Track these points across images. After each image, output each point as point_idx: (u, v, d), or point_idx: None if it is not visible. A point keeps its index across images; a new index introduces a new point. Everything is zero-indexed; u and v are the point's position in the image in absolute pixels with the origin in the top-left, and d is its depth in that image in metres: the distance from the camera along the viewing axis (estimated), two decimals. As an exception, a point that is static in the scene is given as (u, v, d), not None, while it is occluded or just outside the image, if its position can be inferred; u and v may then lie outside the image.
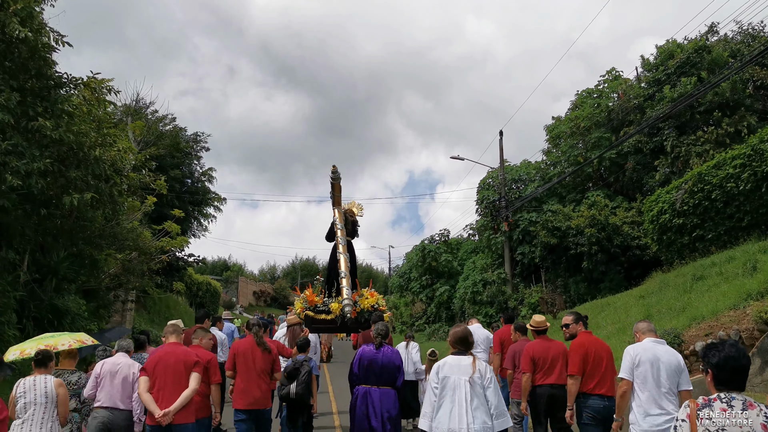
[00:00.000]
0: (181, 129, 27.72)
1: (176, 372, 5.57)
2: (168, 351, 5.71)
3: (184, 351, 5.81)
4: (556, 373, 6.78)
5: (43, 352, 5.81)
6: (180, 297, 33.26)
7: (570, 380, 6.07)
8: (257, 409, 6.53)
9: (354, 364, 6.44)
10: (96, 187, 7.83)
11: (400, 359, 6.45)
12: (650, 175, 21.31)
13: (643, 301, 14.78)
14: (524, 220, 24.00)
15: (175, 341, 5.89)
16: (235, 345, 6.93)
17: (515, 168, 26.65)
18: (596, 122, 23.09)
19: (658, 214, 16.09)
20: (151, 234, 13.77)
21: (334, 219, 10.49)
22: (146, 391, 5.49)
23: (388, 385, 6.26)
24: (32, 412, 5.38)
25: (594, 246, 20.11)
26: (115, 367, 6.13)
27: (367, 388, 6.24)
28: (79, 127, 7.52)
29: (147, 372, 5.59)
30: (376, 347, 6.31)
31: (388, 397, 6.22)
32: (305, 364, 7.32)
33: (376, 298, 9.47)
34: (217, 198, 30.60)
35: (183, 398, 5.47)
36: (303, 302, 9.31)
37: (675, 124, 20.49)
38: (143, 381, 5.55)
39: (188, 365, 5.64)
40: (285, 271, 72.98)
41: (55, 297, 11.43)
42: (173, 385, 5.52)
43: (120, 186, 8.78)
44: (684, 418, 3.23)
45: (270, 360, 6.78)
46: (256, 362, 6.63)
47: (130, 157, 9.05)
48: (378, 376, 6.22)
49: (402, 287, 34.47)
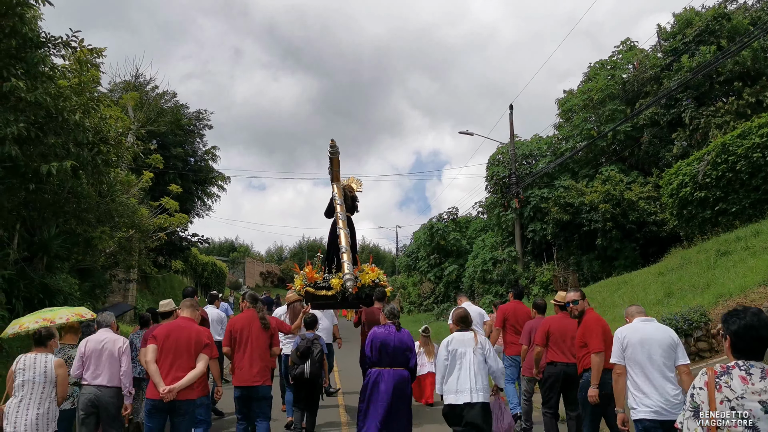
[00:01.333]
0: (182, 106, 27.04)
1: (186, 349, 5.47)
2: (181, 326, 5.62)
3: (198, 330, 5.70)
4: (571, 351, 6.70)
5: (43, 330, 5.65)
6: (185, 277, 32.91)
7: (596, 357, 5.84)
8: (256, 385, 6.33)
9: (366, 346, 6.46)
10: (77, 155, 7.21)
11: (412, 340, 6.47)
12: (667, 149, 20.54)
13: (663, 279, 14.13)
14: (535, 197, 23.30)
15: (190, 316, 5.79)
16: (232, 321, 6.71)
17: (526, 143, 25.87)
18: (610, 94, 22.26)
19: (678, 187, 15.36)
20: (148, 211, 13.19)
21: (333, 194, 10.26)
22: (154, 361, 5.37)
23: (401, 366, 6.29)
24: (30, 390, 5.27)
25: (608, 222, 19.43)
26: (99, 344, 5.94)
27: (380, 370, 6.26)
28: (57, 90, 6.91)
29: (157, 341, 5.46)
30: (396, 329, 6.40)
31: (402, 377, 6.26)
32: (316, 342, 7.17)
33: (377, 273, 9.26)
34: (221, 177, 30.08)
35: (190, 377, 5.38)
36: (303, 279, 9.10)
37: (693, 95, 19.68)
38: (151, 349, 5.42)
39: (199, 345, 5.54)
40: (292, 252, 72.63)
41: (46, 276, 10.91)
42: (180, 361, 5.40)
43: (106, 155, 8.15)
44: (702, 386, 3.14)
45: (268, 336, 6.60)
46: (253, 338, 6.46)
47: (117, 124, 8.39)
48: (391, 357, 6.25)
49: (410, 267, 33.86)
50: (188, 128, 28.05)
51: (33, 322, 6.17)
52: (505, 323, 8.59)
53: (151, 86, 24.69)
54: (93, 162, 7.85)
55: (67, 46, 7.35)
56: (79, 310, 6.81)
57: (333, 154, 10.15)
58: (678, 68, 20.27)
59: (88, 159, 7.60)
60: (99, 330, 6.20)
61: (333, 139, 10.12)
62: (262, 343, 6.50)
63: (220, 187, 30.25)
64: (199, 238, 27.38)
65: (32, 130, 6.73)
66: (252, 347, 6.41)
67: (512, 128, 24.43)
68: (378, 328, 6.47)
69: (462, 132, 25.17)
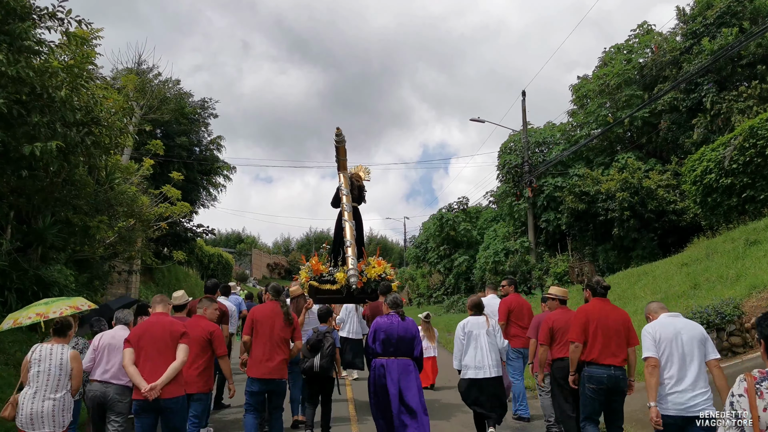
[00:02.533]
0: (186, 94, 26.38)
1: (163, 343, 5.28)
2: (154, 322, 5.43)
3: (171, 321, 5.52)
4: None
5: (62, 320, 5.59)
6: (190, 269, 32.41)
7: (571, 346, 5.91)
8: (273, 378, 6.17)
9: (369, 337, 6.37)
10: (64, 135, 6.61)
11: (416, 328, 6.44)
12: (686, 135, 19.84)
13: (688, 269, 13.49)
14: (549, 186, 22.64)
15: (162, 311, 5.59)
16: (254, 310, 6.51)
17: (539, 131, 25.19)
18: (627, 80, 21.54)
19: (702, 174, 14.68)
20: (149, 200, 12.63)
21: (339, 184, 9.88)
22: (132, 364, 5.20)
23: (405, 356, 6.25)
24: (45, 381, 5.22)
25: (626, 211, 18.74)
26: (114, 340, 5.85)
27: (384, 360, 6.20)
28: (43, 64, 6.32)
29: (132, 344, 5.28)
30: (401, 318, 6.33)
31: (407, 366, 6.21)
32: (328, 335, 6.97)
33: (383, 266, 9.06)
34: (227, 167, 29.45)
35: (170, 371, 5.19)
36: (308, 271, 8.90)
37: (715, 79, 18.96)
38: (128, 353, 5.25)
39: (174, 336, 5.34)
40: (299, 244, 72.13)
41: (41, 267, 10.39)
42: (159, 357, 5.24)
43: (98, 137, 7.53)
44: (741, 393, 2.99)
45: (290, 329, 6.44)
46: (275, 330, 6.28)
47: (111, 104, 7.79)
48: (396, 347, 6.20)
49: (419, 258, 33.27)
50: (192, 117, 27.41)
51: (26, 318, 6.17)
52: (509, 316, 8.32)
53: (154, 73, 24.03)
54: (83, 144, 7.24)
55: (53, 18, 6.75)
56: (75, 302, 6.63)
57: (339, 143, 9.78)
58: (698, 51, 19.54)
59: (77, 140, 7.00)
60: (116, 326, 6.12)
61: (339, 128, 9.78)
62: (286, 335, 6.35)
63: (225, 177, 29.58)
64: (205, 229, 26.87)
65: (15, 108, 6.16)
66: (272, 340, 6.24)
67: (525, 115, 23.76)
68: (381, 318, 6.39)
69: (473, 119, 24.46)
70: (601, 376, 5.51)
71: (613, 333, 5.60)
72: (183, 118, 26.12)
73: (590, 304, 5.91)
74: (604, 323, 5.64)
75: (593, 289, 5.99)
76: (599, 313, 5.71)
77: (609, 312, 5.76)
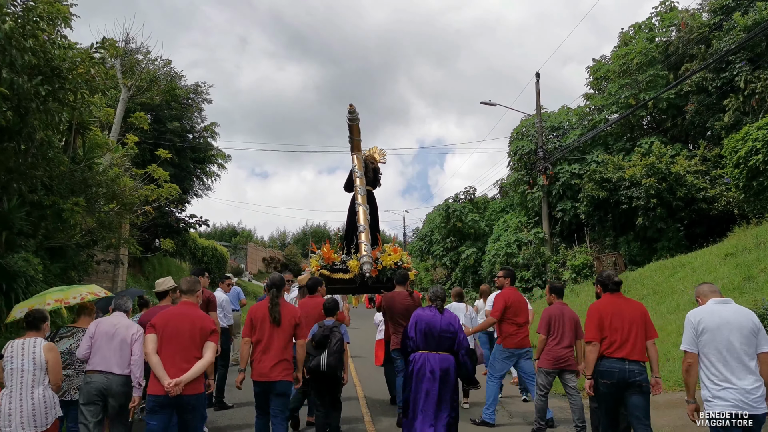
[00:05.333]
0: (178, 75, 24.86)
1: (191, 338, 4.99)
2: (182, 312, 5.12)
3: (202, 316, 5.22)
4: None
5: (34, 312, 5.28)
6: (183, 261, 30.95)
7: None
8: (276, 380, 5.65)
9: (409, 327, 6.06)
10: (9, 81, 5.16)
11: (459, 323, 6.08)
12: (716, 118, 18.44)
13: (734, 260, 12.13)
14: (565, 173, 21.22)
15: (190, 300, 5.26)
16: (253, 309, 5.99)
17: (553, 115, 23.72)
18: (650, 59, 20.11)
19: (747, 155, 13.28)
20: (132, 181, 11.19)
21: (353, 166, 9.44)
22: (155, 352, 4.89)
23: (447, 351, 5.92)
24: (19, 379, 4.91)
25: (652, 199, 17.35)
26: (112, 327, 5.41)
27: (425, 354, 5.89)
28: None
29: (156, 330, 4.96)
30: (439, 311, 6.00)
31: (448, 362, 5.87)
32: (335, 330, 6.38)
33: (400, 254, 8.57)
34: (221, 155, 28.02)
35: (197, 368, 4.93)
36: (319, 260, 8.38)
37: (748, 57, 17.54)
38: (151, 339, 4.94)
39: (204, 333, 5.07)
40: (296, 238, 71.04)
41: (6, 255, 8.96)
42: (183, 352, 4.93)
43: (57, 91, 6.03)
44: None
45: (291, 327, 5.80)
46: (273, 329, 5.72)
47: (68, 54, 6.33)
48: (438, 341, 5.90)
49: (423, 251, 31.81)
50: (185, 102, 25.93)
51: (45, 304, 5.83)
52: (504, 313, 7.63)
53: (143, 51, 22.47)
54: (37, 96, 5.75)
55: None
56: (92, 288, 6.41)
57: (352, 121, 9.29)
58: (729, 28, 18.15)
59: (30, 91, 5.54)
60: (114, 313, 5.69)
61: (352, 104, 9.25)
62: (284, 335, 5.77)
63: (220, 165, 28.19)
64: (198, 220, 25.56)
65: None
66: (270, 339, 5.70)
67: (538, 97, 22.35)
68: (422, 310, 6.11)
69: (484, 102, 23.01)
70: (613, 370, 5.23)
71: (630, 327, 5.31)
72: (175, 102, 24.66)
73: (602, 300, 5.61)
74: (619, 318, 5.36)
75: (604, 284, 5.69)
76: (612, 308, 5.43)
77: (623, 306, 5.47)
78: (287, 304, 5.96)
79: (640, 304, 5.61)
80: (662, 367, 9.25)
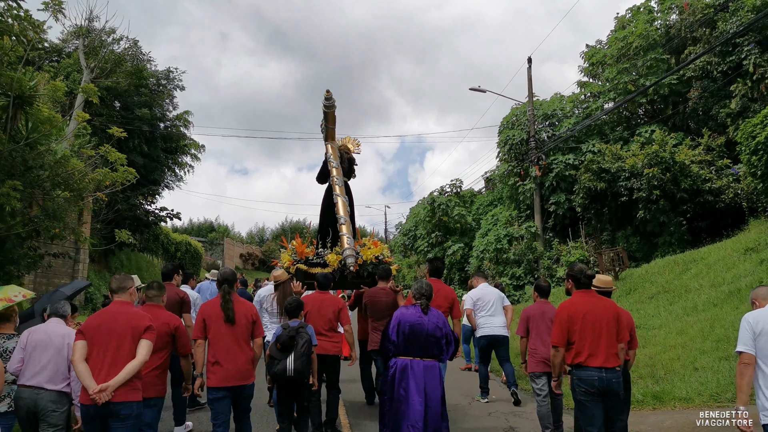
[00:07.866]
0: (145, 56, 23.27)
1: (122, 338, 4.45)
2: (114, 312, 4.62)
3: (134, 312, 4.69)
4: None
5: None
6: (155, 257, 29.40)
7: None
8: (236, 385, 5.23)
9: (390, 330, 5.45)
10: None
11: (447, 325, 5.51)
12: (722, 104, 17.38)
13: (757, 256, 11.02)
14: (559, 164, 20.05)
15: (124, 300, 4.77)
16: (203, 308, 5.52)
17: (546, 103, 22.54)
18: (651, 42, 18.99)
19: (766, 141, 12.16)
20: (83, 163, 9.79)
21: (327, 155, 8.98)
22: (82, 360, 4.35)
23: (433, 357, 5.36)
24: None
25: (655, 190, 16.23)
26: (45, 336, 4.94)
27: (408, 361, 5.30)
28: None
29: (85, 335, 4.45)
30: (423, 310, 5.37)
31: (433, 371, 5.31)
32: (302, 331, 5.84)
33: (381, 248, 8.18)
34: (194, 145, 26.49)
35: (127, 371, 4.34)
36: (292, 254, 7.87)
37: (756, 39, 16.48)
38: (79, 347, 4.41)
39: (137, 330, 4.51)
40: (274, 234, 69.53)
41: None
42: (116, 354, 4.39)
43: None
44: None
45: (248, 325, 5.40)
46: (230, 328, 5.30)
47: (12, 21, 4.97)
48: (423, 345, 5.32)
49: (407, 247, 30.53)
50: (155, 88, 24.37)
51: None
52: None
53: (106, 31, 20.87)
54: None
55: None
56: (6, 293, 5.48)
57: (328, 108, 8.84)
58: (735, 8, 17.08)
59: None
60: (49, 320, 5.17)
61: (329, 90, 8.80)
62: (245, 332, 5.38)
63: (193, 156, 26.68)
64: (169, 213, 24.09)
65: None
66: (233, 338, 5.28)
67: (530, 84, 21.13)
68: (405, 308, 5.49)
69: (473, 88, 21.77)
70: (592, 378, 4.84)
71: (600, 331, 4.89)
72: (144, 88, 23.11)
73: (573, 300, 5.12)
74: (591, 320, 4.91)
75: (576, 279, 5.18)
76: (584, 308, 4.97)
77: (595, 306, 4.99)
78: (241, 300, 5.51)
79: (612, 303, 5.14)
80: (689, 378, 8.12)
